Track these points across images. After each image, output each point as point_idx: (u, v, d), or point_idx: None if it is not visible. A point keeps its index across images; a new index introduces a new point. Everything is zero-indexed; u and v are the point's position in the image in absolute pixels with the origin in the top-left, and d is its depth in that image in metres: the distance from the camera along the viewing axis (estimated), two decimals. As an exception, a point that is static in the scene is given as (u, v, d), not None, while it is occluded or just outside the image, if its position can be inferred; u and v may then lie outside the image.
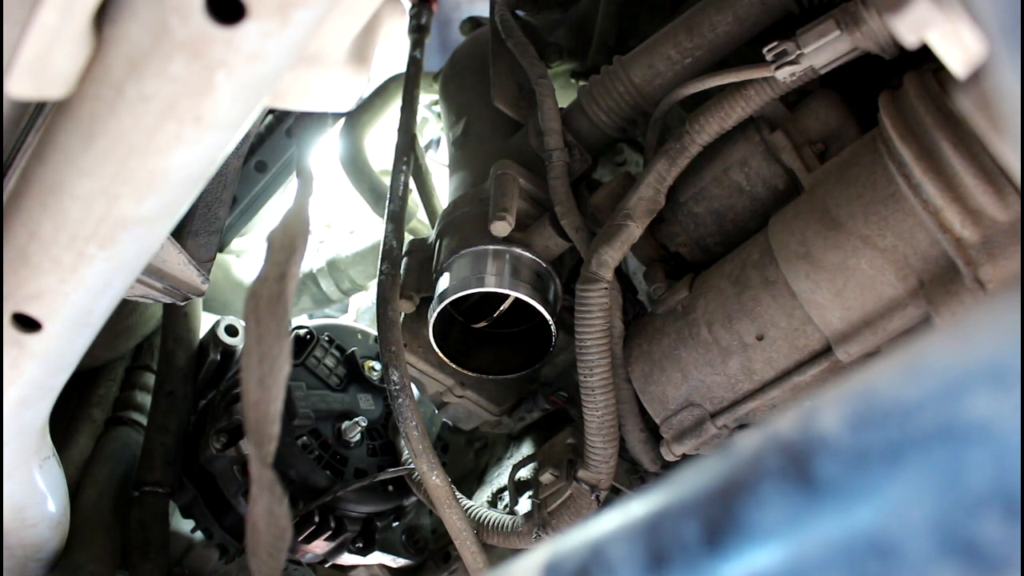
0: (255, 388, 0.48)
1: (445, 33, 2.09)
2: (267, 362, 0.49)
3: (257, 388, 0.48)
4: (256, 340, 0.49)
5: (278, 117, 1.53)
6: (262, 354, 0.49)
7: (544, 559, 0.35)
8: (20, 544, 0.96)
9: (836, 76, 0.87)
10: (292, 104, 0.53)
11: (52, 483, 0.92)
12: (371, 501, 1.16)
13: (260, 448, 0.47)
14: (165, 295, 0.90)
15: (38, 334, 0.62)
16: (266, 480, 0.47)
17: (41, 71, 0.45)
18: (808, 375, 0.84)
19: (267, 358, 0.49)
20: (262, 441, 0.48)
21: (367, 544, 1.18)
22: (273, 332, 0.49)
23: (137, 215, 0.53)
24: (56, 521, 0.98)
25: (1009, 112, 0.29)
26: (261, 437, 0.48)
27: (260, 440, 0.48)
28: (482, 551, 1.00)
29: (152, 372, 1.43)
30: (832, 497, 0.26)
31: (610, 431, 0.93)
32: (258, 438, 0.48)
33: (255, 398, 0.48)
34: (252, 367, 0.49)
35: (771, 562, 0.27)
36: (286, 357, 0.49)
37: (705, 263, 0.97)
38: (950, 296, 0.74)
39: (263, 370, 0.48)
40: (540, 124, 1.04)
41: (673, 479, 0.32)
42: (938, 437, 0.25)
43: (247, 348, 0.49)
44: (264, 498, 0.46)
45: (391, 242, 1.05)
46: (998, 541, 0.23)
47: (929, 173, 0.72)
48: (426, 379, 1.10)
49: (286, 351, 0.49)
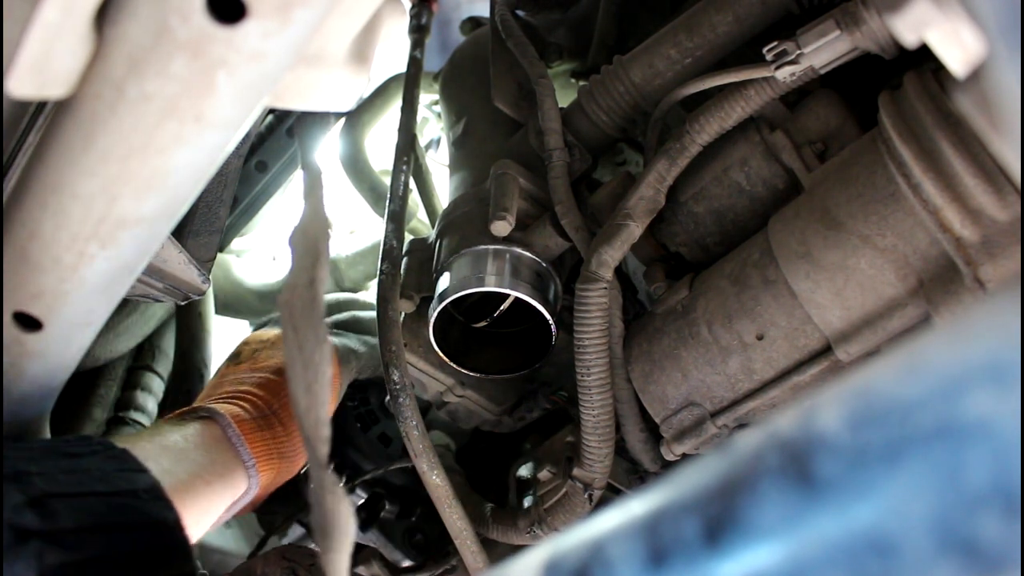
0: (304, 396, 0.49)
1: (445, 33, 2.09)
2: (311, 369, 0.49)
3: (306, 395, 0.49)
4: (298, 349, 0.49)
5: (278, 117, 1.53)
6: (305, 361, 0.49)
7: (544, 558, 0.35)
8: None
9: (836, 76, 0.87)
10: (293, 104, 0.53)
11: (52, 483, 0.92)
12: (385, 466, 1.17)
13: (316, 451, 0.48)
14: (165, 295, 0.90)
15: (38, 333, 0.62)
16: (328, 482, 0.47)
17: (42, 70, 0.45)
18: (808, 375, 0.84)
19: (311, 364, 0.50)
20: (317, 445, 0.49)
21: (369, 517, 1.18)
22: (312, 339, 0.50)
23: (137, 215, 0.53)
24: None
25: (1009, 112, 0.29)
26: (316, 442, 0.49)
27: (315, 444, 0.49)
28: (482, 551, 1.00)
29: (152, 372, 1.43)
30: (832, 495, 0.26)
31: (606, 431, 0.93)
32: (314, 442, 0.49)
33: (305, 405, 0.49)
34: (298, 376, 0.49)
35: (771, 560, 0.27)
36: (328, 361, 0.50)
37: (705, 263, 0.97)
38: (950, 296, 0.74)
39: (309, 377, 0.49)
40: (540, 124, 1.04)
41: (673, 477, 0.32)
42: (938, 436, 0.25)
43: (290, 358, 0.50)
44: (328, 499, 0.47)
45: (391, 242, 1.05)
46: (998, 539, 0.23)
47: (929, 173, 0.72)
48: (426, 379, 1.10)
49: (327, 355, 0.50)
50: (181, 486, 0.79)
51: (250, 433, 0.93)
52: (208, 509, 0.84)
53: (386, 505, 1.19)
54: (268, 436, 0.95)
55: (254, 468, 0.91)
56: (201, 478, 0.83)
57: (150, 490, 0.67)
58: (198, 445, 0.87)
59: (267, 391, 1.00)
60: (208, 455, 0.87)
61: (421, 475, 0.98)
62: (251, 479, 0.92)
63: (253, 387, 1.01)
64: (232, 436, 0.92)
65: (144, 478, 0.68)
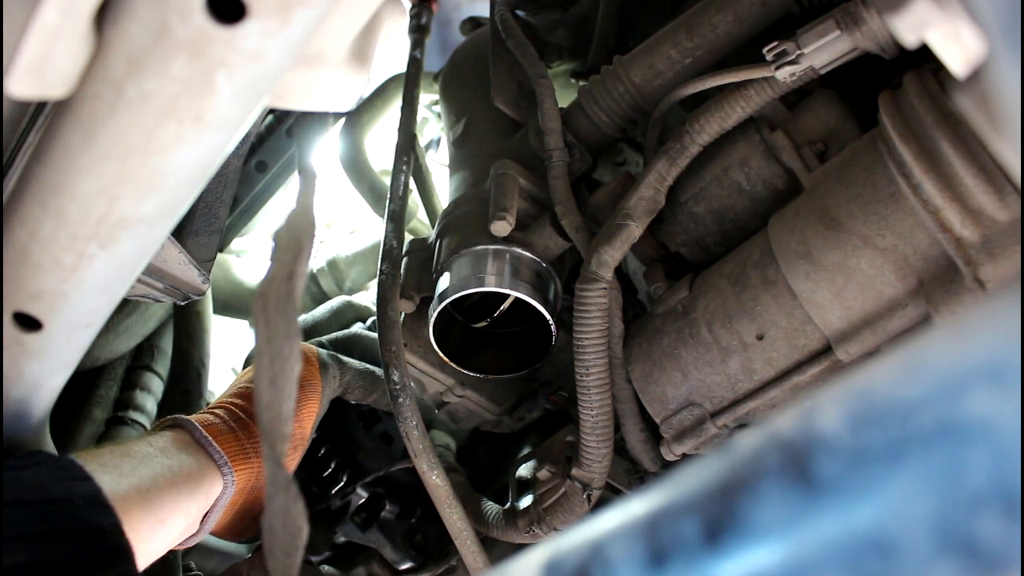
0: (267, 389, 0.48)
1: (445, 33, 2.10)
2: (278, 362, 0.49)
3: (270, 388, 0.48)
4: (267, 341, 0.49)
5: (278, 117, 1.53)
6: (273, 354, 0.49)
7: (544, 558, 0.35)
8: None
9: (836, 76, 0.87)
10: (292, 104, 0.53)
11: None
12: (387, 466, 1.17)
13: (273, 448, 0.48)
14: (165, 295, 0.90)
15: (38, 333, 0.62)
16: (281, 479, 0.47)
17: (41, 71, 0.45)
18: (808, 375, 0.84)
19: (278, 358, 0.49)
20: (275, 441, 0.48)
21: (370, 518, 1.18)
22: (283, 332, 0.49)
23: (137, 215, 0.53)
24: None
25: (1009, 112, 0.29)
26: (274, 437, 0.48)
27: (273, 440, 0.48)
28: (482, 551, 1.00)
29: (152, 372, 1.43)
30: (832, 495, 0.26)
31: (604, 431, 0.93)
32: (271, 438, 0.48)
33: (268, 399, 0.48)
34: (264, 368, 0.49)
35: (771, 560, 0.27)
36: (297, 357, 0.49)
37: (705, 263, 0.97)
38: (950, 296, 0.74)
39: (275, 370, 0.49)
40: (540, 124, 1.04)
41: (673, 478, 0.32)
42: (938, 436, 0.25)
43: (258, 349, 0.50)
44: (280, 497, 0.46)
45: (391, 242, 1.05)
46: (998, 539, 0.23)
47: (929, 173, 0.72)
48: (426, 379, 1.10)
49: (297, 351, 0.49)
50: (143, 487, 0.80)
51: (220, 435, 0.94)
52: (176, 508, 0.84)
53: (386, 505, 1.19)
54: (243, 436, 0.95)
55: (228, 466, 0.92)
56: (165, 478, 0.83)
57: (88, 497, 0.68)
58: (164, 449, 0.88)
59: (243, 398, 1.02)
60: (174, 457, 0.87)
61: (421, 475, 0.98)
62: (226, 477, 0.92)
63: (231, 397, 1.02)
64: (200, 438, 0.93)
65: (83, 486, 0.69)
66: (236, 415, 0.98)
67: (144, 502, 0.79)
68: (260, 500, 1.02)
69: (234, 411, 0.99)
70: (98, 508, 0.68)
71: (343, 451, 1.18)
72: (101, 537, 0.66)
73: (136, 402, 1.39)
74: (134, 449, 0.85)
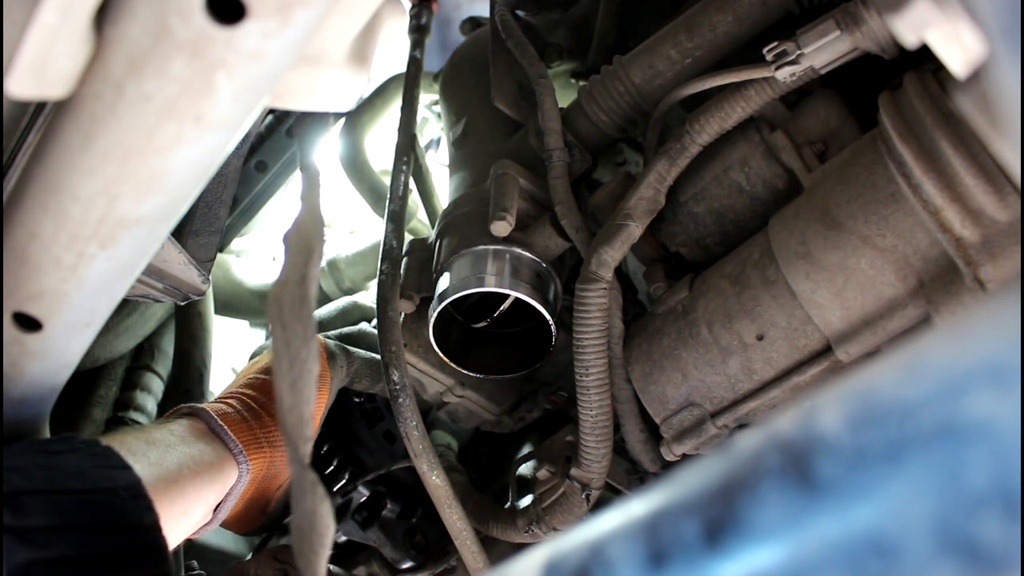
0: (288, 393, 0.48)
1: (445, 33, 2.10)
2: (297, 366, 0.49)
3: (290, 393, 0.48)
4: (284, 345, 0.49)
5: (278, 117, 1.53)
6: (292, 359, 0.49)
7: (544, 558, 0.35)
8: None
9: (836, 76, 0.87)
10: (292, 104, 0.53)
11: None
12: (389, 464, 1.18)
13: (297, 450, 0.48)
14: (165, 295, 0.90)
15: (38, 334, 0.62)
16: (308, 481, 0.47)
17: (41, 71, 0.45)
18: (808, 375, 0.84)
19: (297, 362, 0.49)
20: (299, 443, 0.48)
21: (370, 516, 1.18)
22: (300, 336, 0.49)
23: (137, 215, 0.53)
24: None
25: (1009, 112, 0.29)
26: (298, 440, 0.48)
27: (297, 442, 0.48)
28: (482, 551, 1.00)
29: (152, 372, 1.43)
30: (832, 496, 0.26)
31: (604, 431, 0.93)
32: (295, 440, 0.48)
33: (289, 403, 0.48)
34: (283, 373, 0.49)
35: (771, 561, 0.27)
36: (315, 359, 0.49)
37: (705, 263, 0.97)
38: (950, 296, 0.74)
39: (294, 374, 0.49)
40: (540, 124, 1.04)
41: (673, 478, 0.32)
42: (938, 436, 0.25)
43: (276, 354, 0.49)
44: (308, 498, 0.46)
45: (391, 242, 1.05)
46: (998, 540, 0.23)
47: (929, 173, 0.72)
48: (426, 379, 1.10)
49: (314, 354, 0.49)
50: (170, 477, 0.80)
51: (234, 424, 0.94)
52: (199, 498, 0.85)
53: (387, 504, 1.19)
54: (256, 426, 0.96)
55: (243, 455, 0.92)
56: (189, 468, 0.83)
57: (130, 488, 0.66)
58: (183, 438, 0.88)
59: (255, 389, 1.01)
60: (194, 446, 0.87)
61: (421, 475, 0.98)
62: (241, 466, 0.92)
63: (242, 387, 1.02)
64: (215, 427, 0.93)
65: (126, 475, 0.67)
66: (249, 405, 0.98)
67: (171, 492, 0.78)
68: (268, 491, 1.02)
69: (247, 401, 0.99)
70: (139, 501, 0.66)
71: (345, 449, 1.18)
72: (143, 533, 0.64)
73: (136, 402, 1.39)
74: (156, 436, 0.85)
